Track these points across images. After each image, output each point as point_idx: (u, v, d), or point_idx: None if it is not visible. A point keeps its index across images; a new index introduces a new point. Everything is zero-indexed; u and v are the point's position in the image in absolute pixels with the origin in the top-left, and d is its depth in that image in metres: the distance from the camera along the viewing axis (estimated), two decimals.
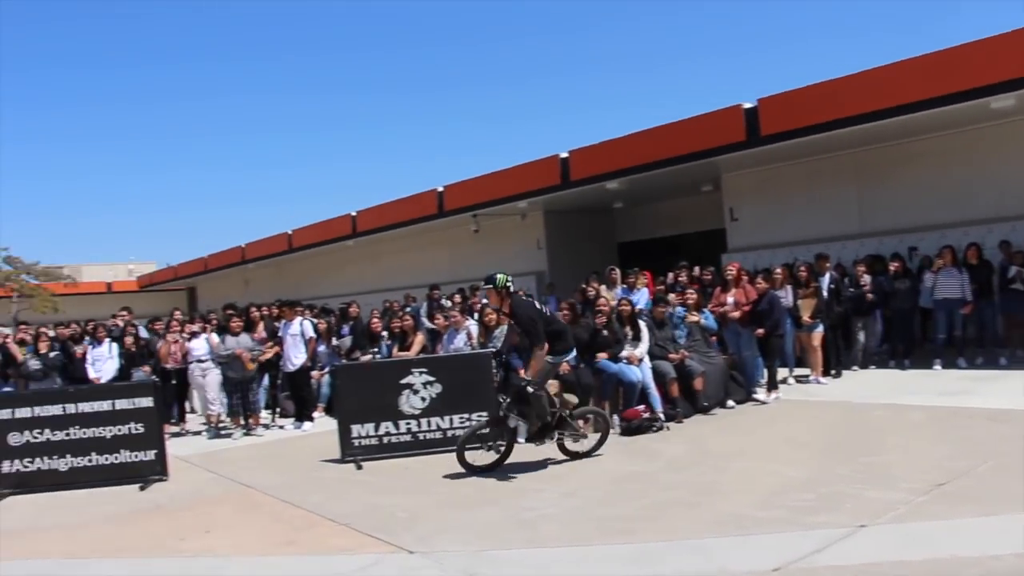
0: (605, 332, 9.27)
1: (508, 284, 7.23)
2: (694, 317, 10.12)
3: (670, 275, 12.83)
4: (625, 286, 12.06)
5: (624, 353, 9.15)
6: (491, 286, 7.24)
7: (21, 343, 11.69)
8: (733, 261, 12.15)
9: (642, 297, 11.45)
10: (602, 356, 9.09)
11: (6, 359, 10.93)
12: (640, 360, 9.16)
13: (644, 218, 20.25)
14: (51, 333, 11.54)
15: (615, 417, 8.92)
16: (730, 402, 9.77)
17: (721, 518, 5.34)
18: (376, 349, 11.76)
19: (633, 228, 20.78)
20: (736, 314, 10.33)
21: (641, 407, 8.85)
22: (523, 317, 7.08)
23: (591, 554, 4.91)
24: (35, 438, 7.97)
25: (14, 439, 7.94)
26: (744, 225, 16.12)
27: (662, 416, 8.86)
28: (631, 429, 8.60)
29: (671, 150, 14.29)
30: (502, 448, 7.22)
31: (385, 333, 12.00)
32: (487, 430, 7.29)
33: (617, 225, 21.09)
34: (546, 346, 6.99)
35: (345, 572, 4.98)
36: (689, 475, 6.77)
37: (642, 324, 9.46)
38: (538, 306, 7.41)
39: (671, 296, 10.69)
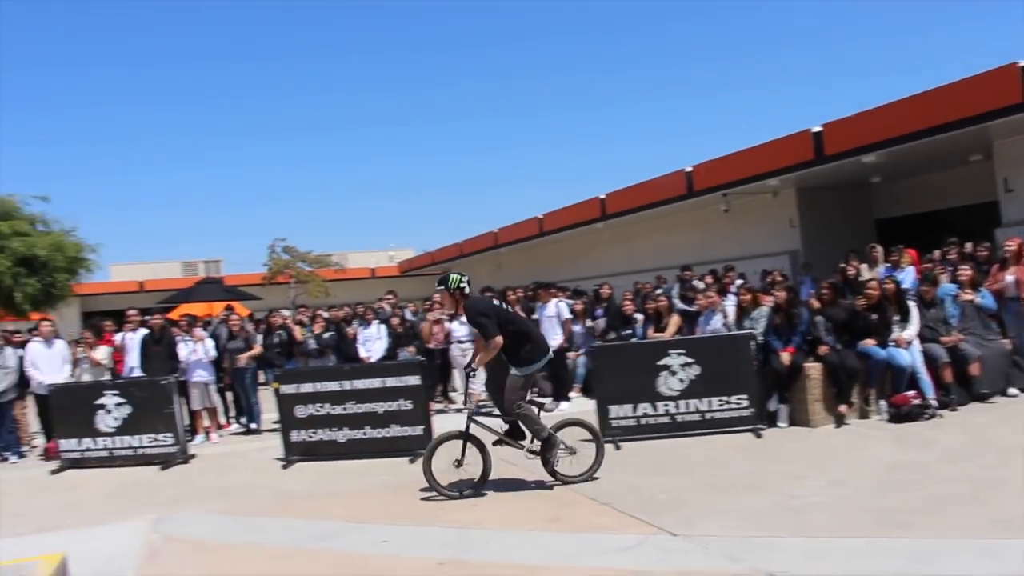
0: (874, 316, 8.88)
1: (462, 285, 6.94)
2: (968, 295, 9.42)
3: (937, 252, 11.98)
4: (888, 264, 11.52)
5: (892, 336, 8.74)
6: (443, 287, 7.06)
7: (300, 324, 13.31)
8: (1012, 236, 10.87)
9: (908, 276, 10.82)
10: (869, 342, 8.71)
11: (289, 339, 12.52)
12: (909, 343, 8.74)
13: (904, 192, 19.21)
14: (326, 315, 13.01)
15: (882, 403, 8.57)
16: (1012, 390, 9.09)
17: (1010, 518, 4.97)
18: (630, 330, 11.97)
19: (892, 203, 19.69)
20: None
21: (911, 393, 8.51)
22: (471, 312, 6.88)
23: (865, 547, 4.74)
24: (317, 411, 9.09)
25: (300, 411, 9.12)
26: (1022, 196, 14.82)
27: (934, 403, 8.47)
28: (899, 416, 8.36)
29: (936, 118, 13.45)
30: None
31: (639, 315, 12.19)
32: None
33: (875, 201, 20.06)
34: (499, 341, 6.67)
35: (609, 550, 5.18)
36: (968, 468, 6.37)
37: (911, 304, 9.05)
38: (496, 303, 7.28)
39: (941, 275, 10.02)
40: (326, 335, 12.36)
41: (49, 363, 10.99)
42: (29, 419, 11.66)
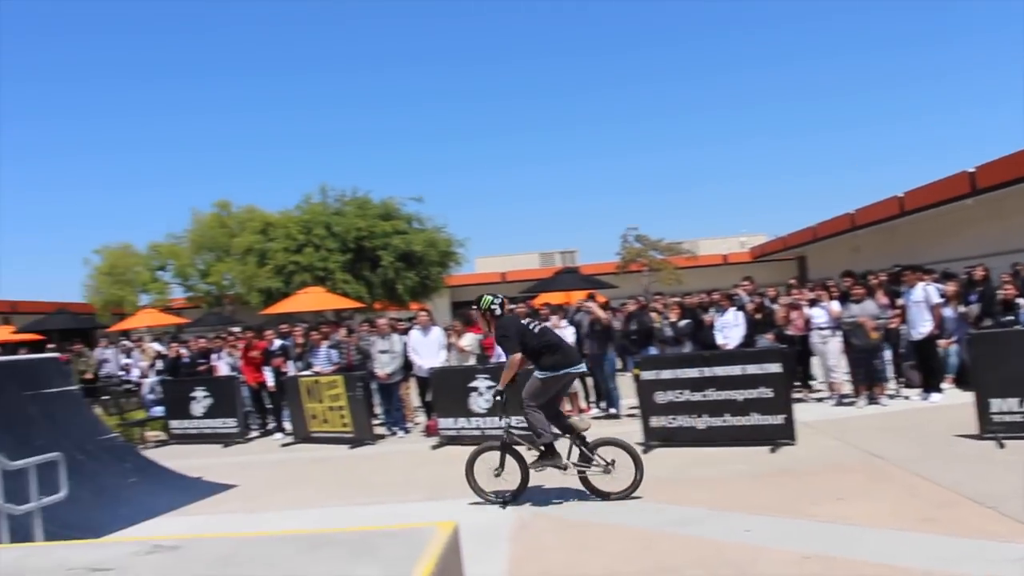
0: None
1: (492, 307, 7.66)
2: None
3: None
4: None
5: None
6: (476, 307, 7.81)
7: (654, 311, 13.78)
8: None
9: None
10: None
11: (647, 326, 13.07)
12: None
13: None
14: (680, 302, 13.31)
15: None
16: None
17: None
18: (1012, 316, 10.99)
19: None
20: None
21: None
22: (497, 333, 7.62)
23: None
24: (676, 398, 9.42)
25: (659, 397, 9.52)
26: None
27: None
28: None
29: None
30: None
31: (1021, 300, 11.18)
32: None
33: None
34: (517, 358, 7.31)
35: (998, 559, 4.78)
36: None
37: None
38: (524, 322, 7.73)
39: None
40: (682, 323, 12.64)
41: (427, 348, 12.59)
42: (412, 399, 13.46)
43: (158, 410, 14.71)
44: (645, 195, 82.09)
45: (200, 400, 13.59)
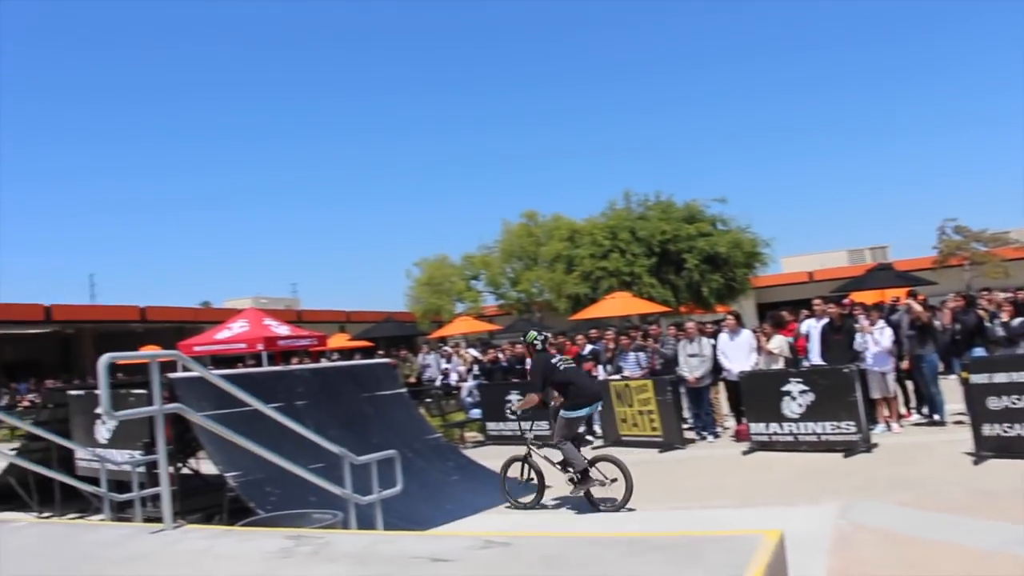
0: None
1: (535, 342, 9.19)
2: None
3: None
4: None
5: None
6: (521, 341, 10.34)
7: (981, 309, 12.87)
8: None
9: None
10: None
11: (977, 325, 12.19)
12: None
13: None
14: (1015, 298, 12.26)
15: None
16: None
17: None
18: None
19: None
20: None
21: None
22: (529, 368, 9.67)
23: None
24: (1014, 404, 8.78)
25: (993, 403, 8.92)
26: None
27: None
28: None
29: None
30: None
31: None
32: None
33: None
34: (534, 397, 9.03)
35: None
36: None
37: None
38: (553, 361, 9.00)
39: None
40: (1016, 321, 11.61)
41: (736, 352, 12.68)
42: (721, 403, 13.59)
43: (476, 412, 16.12)
44: (962, 182, 74.48)
45: (515, 402, 14.67)
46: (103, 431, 9.38)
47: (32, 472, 9.29)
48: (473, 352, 20.25)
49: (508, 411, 13.81)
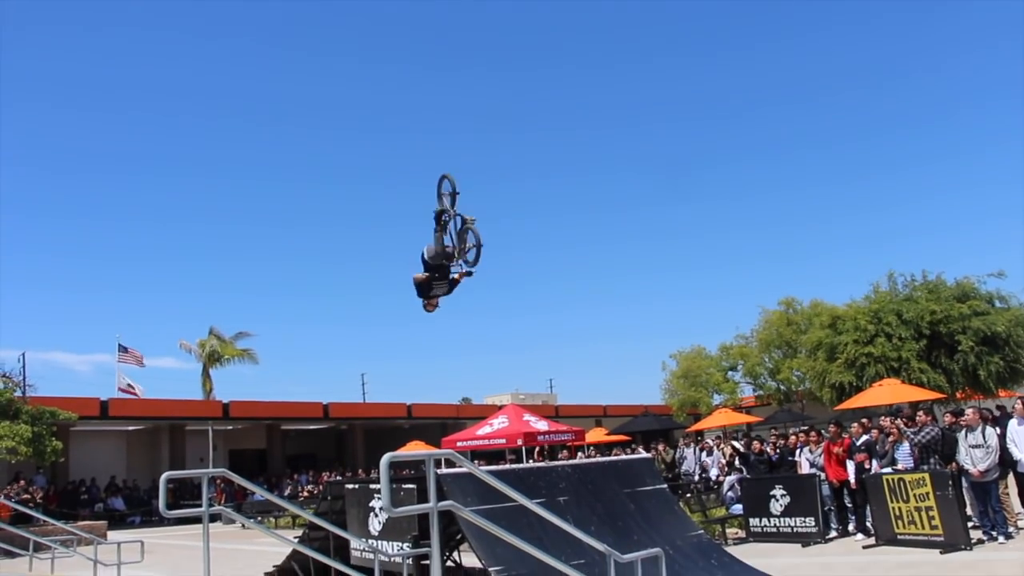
0: None
1: None
2: None
3: None
4: None
5: None
6: None
7: None
8: None
9: None
10: None
11: None
12: None
13: None
14: None
15: None
16: None
17: None
18: None
19: None
20: None
21: None
22: None
23: None
24: None
25: None
26: None
27: None
28: None
29: None
30: None
31: None
32: None
33: None
34: None
35: None
36: None
37: None
38: None
39: None
40: None
41: None
42: (1012, 499, 12.14)
43: (737, 508, 15.48)
44: None
45: (779, 498, 13.98)
46: (375, 523, 9.93)
47: (312, 559, 9.95)
48: (736, 444, 19.59)
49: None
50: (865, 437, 13.88)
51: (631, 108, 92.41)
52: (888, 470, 12.73)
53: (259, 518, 23.01)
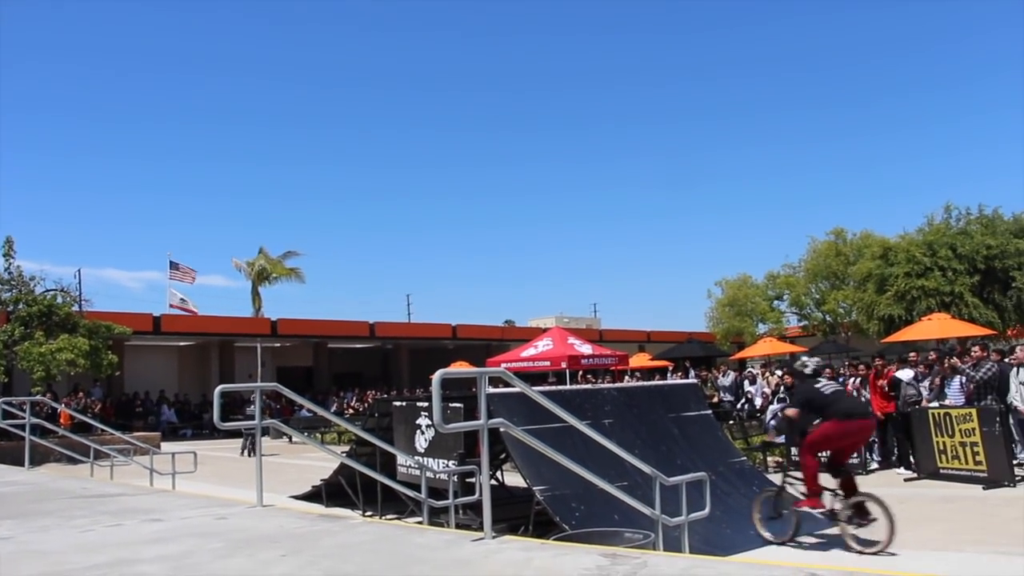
0: None
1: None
2: None
3: None
4: None
5: None
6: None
7: None
8: None
9: None
10: None
11: None
12: None
13: None
14: None
15: None
16: None
17: None
18: None
19: None
20: None
21: None
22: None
23: None
24: None
25: None
26: None
27: None
28: None
29: None
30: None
31: None
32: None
33: None
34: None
35: None
36: None
37: None
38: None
39: None
40: None
41: None
42: None
43: (780, 437, 15.51)
44: None
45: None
46: (421, 441, 10.15)
47: (359, 474, 10.18)
48: (780, 374, 19.56)
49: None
50: (911, 371, 13.76)
51: (690, 55, 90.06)
52: (935, 404, 12.65)
53: (307, 433, 23.61)
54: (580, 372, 23.77)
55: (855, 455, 13.29)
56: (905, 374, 13.80)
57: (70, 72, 71.29)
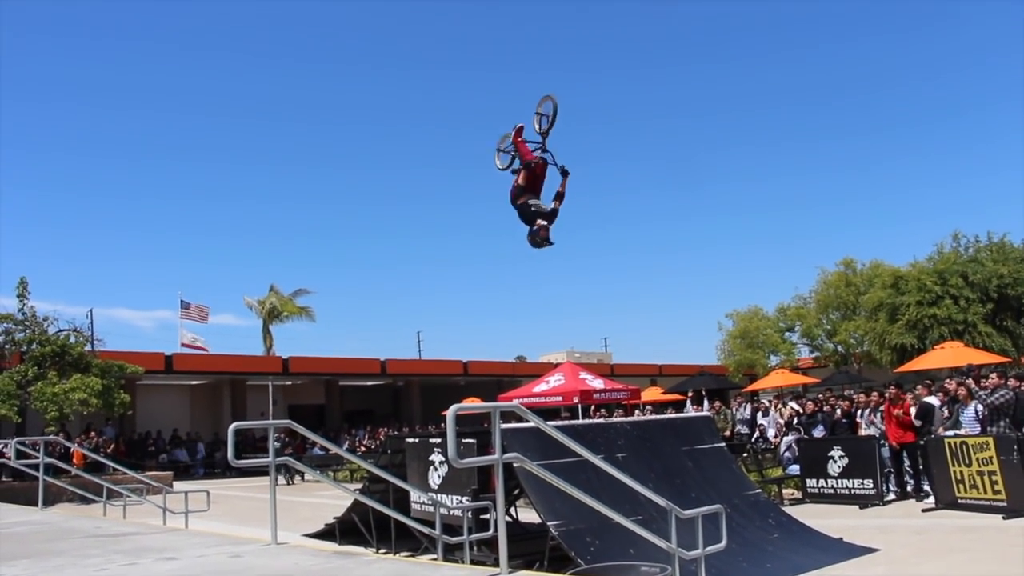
0: None
1: None
2: None
3: None
4: None
5: None
6: None
7: None
8: None
9: None
10: None
11: None
12: None
13: None
14: None
15: None
16: None
17: None
18: None
19: None
20: None
21: None
22: None
23: None
24: None
25: None
26: None
27: None
28: None
29: None
30: None
31: None
32: None
33: None
34: None
35: None
36: None
37: None
38: None
39: None
40: None
41: None
42: None
43: (794, 468, 15.40)
44: None
45: (837, 459, 13.88)
46: (435, 476, 10.11)
47: (373, 511, 10.14)
48: (794, 405, 19.45)
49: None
50: (929, 400, 13.70)
51: (688, 55, 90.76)
52: (950, 434, 12.55)
53: (320, 471, 23.53)
54: (592, 407, 23.69)
55: (873, 486, 13.22)
56: (935, 400, 13.76)
57: (78, 111, 72.16)
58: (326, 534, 11.79)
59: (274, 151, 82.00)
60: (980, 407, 12.47)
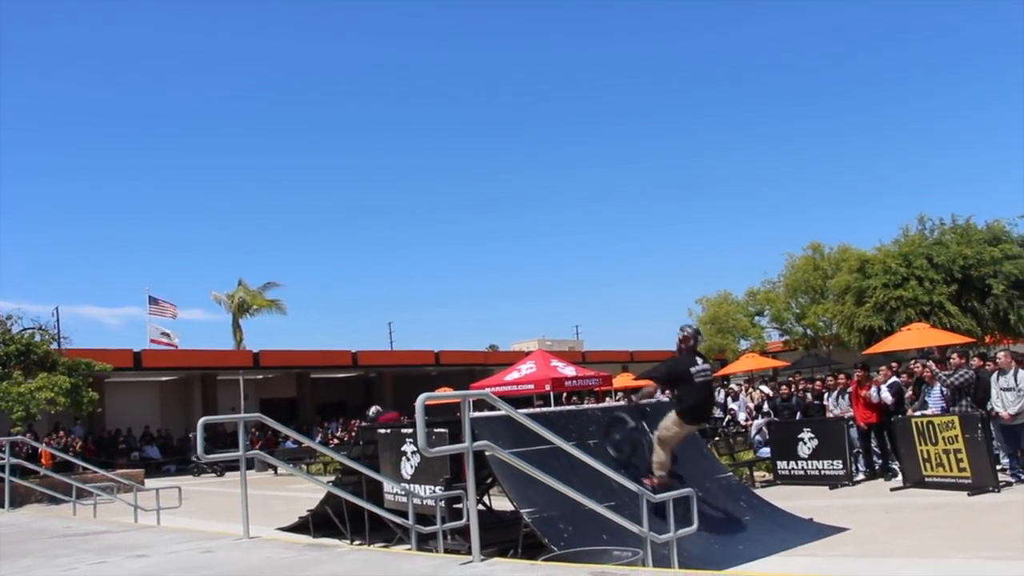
0: None
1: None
2: None
3: None
4: None
5: None
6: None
7: None
8: None
9: None
10: None
11: None
12: None
13: None
14: None
15: None
16: None
17: None
18: None
19: None
20: None
21: None
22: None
23: None
24: None
25: None
26: None
27: None
28: None
29: None
30: None
31: None
32: None
33: None
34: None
35: None
36: None
37: None
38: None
39: None
40: None
41: None
42: None
43: (765, 451, 15.57)
44: None
45: (807, 441, 14.04)
46: (407, 467, 10.06)
47: (346, 503, 10.09)
48: (764, 389, 19.65)
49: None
50: (893, 380, 13.87)
51: (656, 57, 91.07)
52: (918, 414, 12.73)
53: (293, 464, 23.44)
54: (564, 394, 23.77)
55: (842, 466, 13.39)
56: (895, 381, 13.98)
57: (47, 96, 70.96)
58: (300, 527, 11.73)
59: (240, 139, 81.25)
60: (944, 388, 12.68)
